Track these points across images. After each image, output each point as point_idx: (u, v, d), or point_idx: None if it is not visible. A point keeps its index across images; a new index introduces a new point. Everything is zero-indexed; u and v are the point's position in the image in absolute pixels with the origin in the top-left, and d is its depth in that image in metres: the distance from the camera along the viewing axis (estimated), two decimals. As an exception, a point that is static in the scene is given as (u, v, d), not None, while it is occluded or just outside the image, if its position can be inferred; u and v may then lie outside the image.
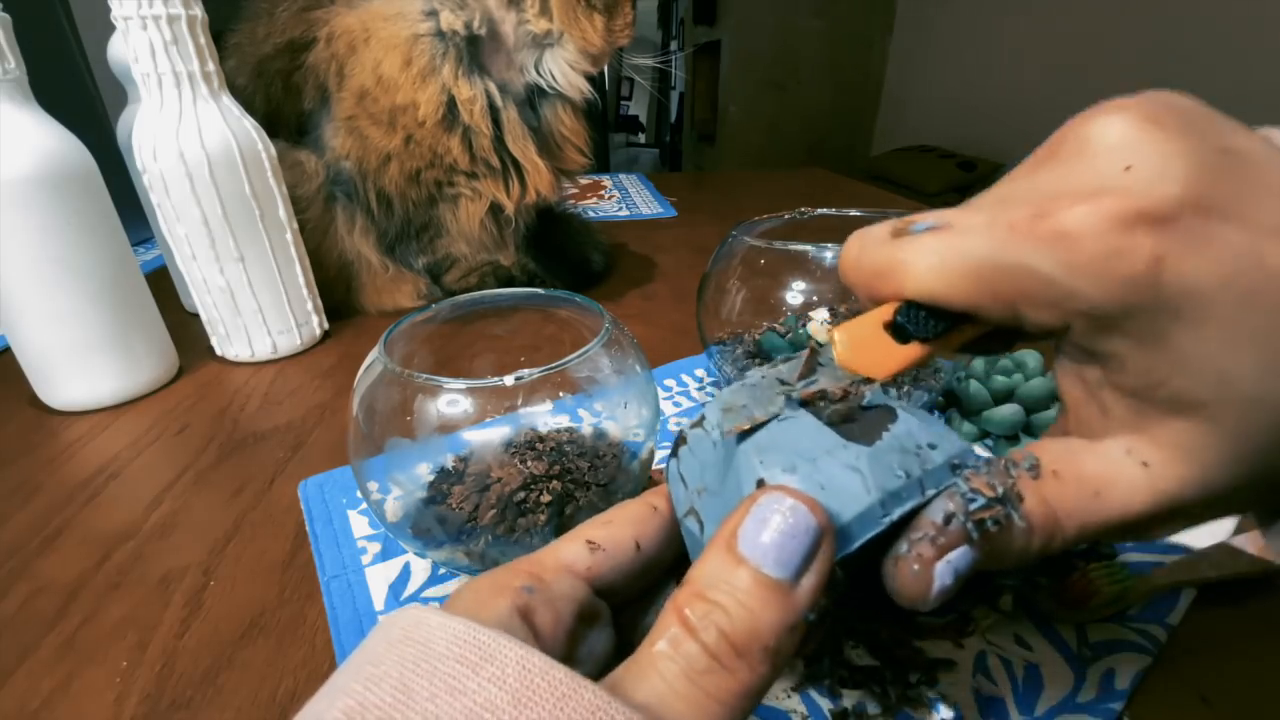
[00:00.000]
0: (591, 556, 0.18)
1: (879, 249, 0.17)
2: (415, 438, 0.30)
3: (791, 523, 0.14)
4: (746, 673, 0.13)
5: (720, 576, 0.14)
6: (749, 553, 0.14)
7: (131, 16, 0.45)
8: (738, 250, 0.42)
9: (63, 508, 0.38)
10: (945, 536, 0.15)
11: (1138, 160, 0.14)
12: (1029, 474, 0.16)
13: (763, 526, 0.14)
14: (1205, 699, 0.26)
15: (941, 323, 0.16)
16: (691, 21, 2.49)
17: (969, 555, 0.15)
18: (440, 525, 0.31)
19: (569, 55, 0.57)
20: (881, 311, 0.17)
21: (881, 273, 0.17)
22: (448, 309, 0.36)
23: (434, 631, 0.14)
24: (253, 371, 0.55)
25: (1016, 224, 0.15)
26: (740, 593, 0.14)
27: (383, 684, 0.13)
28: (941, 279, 0.16)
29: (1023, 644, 0.28)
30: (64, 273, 0.44)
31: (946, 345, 0.17)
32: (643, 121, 3.53)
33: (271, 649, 0.29)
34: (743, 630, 0.13)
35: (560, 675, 0.13)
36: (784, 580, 0.14)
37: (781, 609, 0.14)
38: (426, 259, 0.65)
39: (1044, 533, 0.16)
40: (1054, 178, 0.16)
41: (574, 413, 0.37)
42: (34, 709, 0.27)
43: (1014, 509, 0.16)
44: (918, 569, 0.15)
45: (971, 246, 0.16)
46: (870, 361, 0.17)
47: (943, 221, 0.17)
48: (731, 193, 1.15)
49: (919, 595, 0.15)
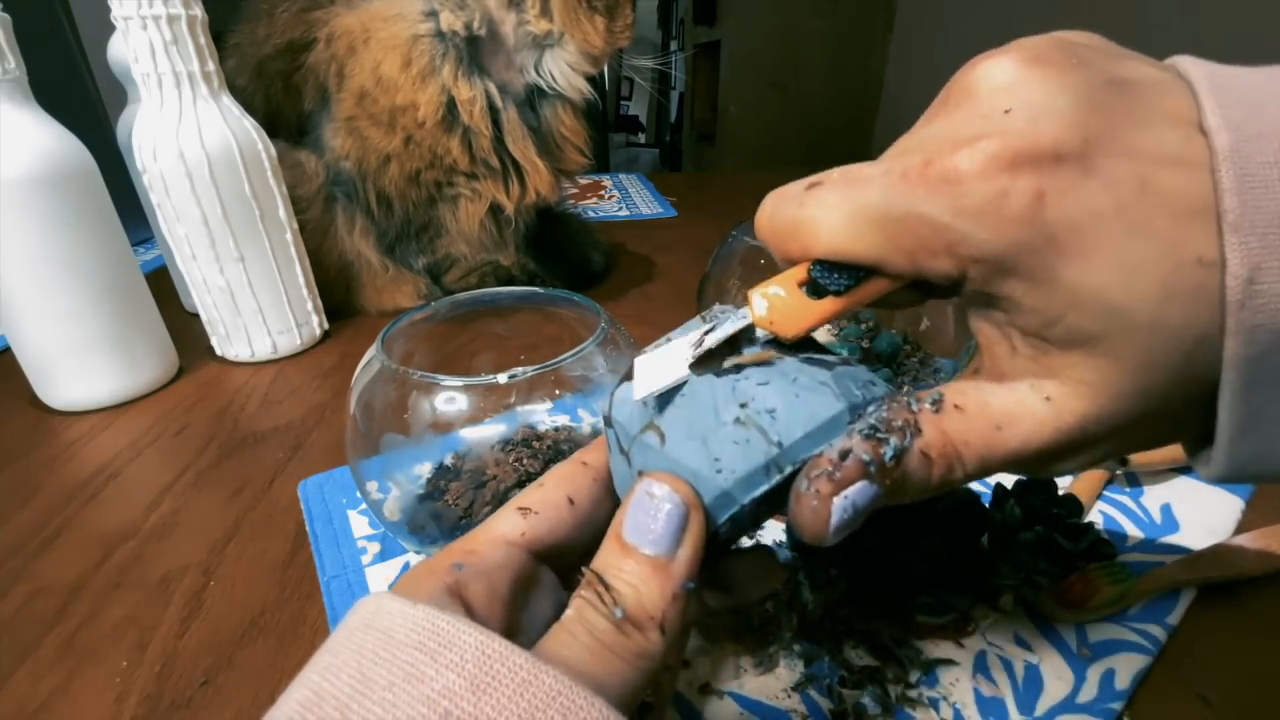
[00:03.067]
0: (525, 522, 0.18)
1: (787, 207, 0.17)
2: (412, 435, 0.30)
3: (658, 506, 0.16)
4: (641, 639, 0.15)
5: (609, 562, 0.16)
6: (629, 538, 0.16)
7: (131, 16, 0.45)
8: (738, 250, 0.42)
9: (63, 508, 0.38)
10: (841, 471, 0.15)
11: (1018, 102, 0.15)
12: (930, 408, 0.17)
13: (637, 512, 0.16)
14: (1205, 699, 0.26)
15: (851, 276, 0.17)
16: (691, 21, 2.49)
17: (869, 490, 0.15)
18: (435, 521, 0.31)
19: (569, 56, 0.57)
20: (795, 271, 0.18)
21: (790, 232, 0.17)
22: (446, 307, 0.36)
23: (394, 619, 0.14)
24: (253, 371, 0.55)
25: (908, 172, 0.15)
26: (626, 573, 0.15)
27: (340, 673, 0.13)
28: (844, 234, 0.16)
29: (1023, 644, 0.28)
30: (64, 273, 0.44)
31: (859, 299, 0.17)
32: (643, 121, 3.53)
33: (271, 649, 0.29)
34: (630, 605, 0.15)
35: (520, 660, 0.13)
36: (659, 556, 0.16)
37: (660, 582, 0.15)
38: (426, 259, 0.65)
39: (943, 464, 0.16)
40: (944, 125, 0.16)
41: (574, 412, 0.37)
42: (34, 709, 0.27)
43: (910, 440, 0.16)
44: (816, 505, 0.15)
45: (869, 198, 0.16)
46: (785, 320, 0.17)
47: (846, 175, 0.17)
48: (731, 193, 1.15)
49: (818, 531, 0.15)
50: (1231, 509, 0.36)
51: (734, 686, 0.27)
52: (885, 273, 0.16)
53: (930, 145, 0.16)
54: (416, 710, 0.12)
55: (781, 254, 0.18)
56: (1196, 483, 0.38)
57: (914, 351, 0.44)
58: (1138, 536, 0.34)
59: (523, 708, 0.12)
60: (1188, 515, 0.35)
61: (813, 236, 0.17)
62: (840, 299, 0.17)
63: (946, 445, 0.16)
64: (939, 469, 0.16)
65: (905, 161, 0.16)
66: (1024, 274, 0.15)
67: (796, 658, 0.28)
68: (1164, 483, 0.38)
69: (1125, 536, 0.34)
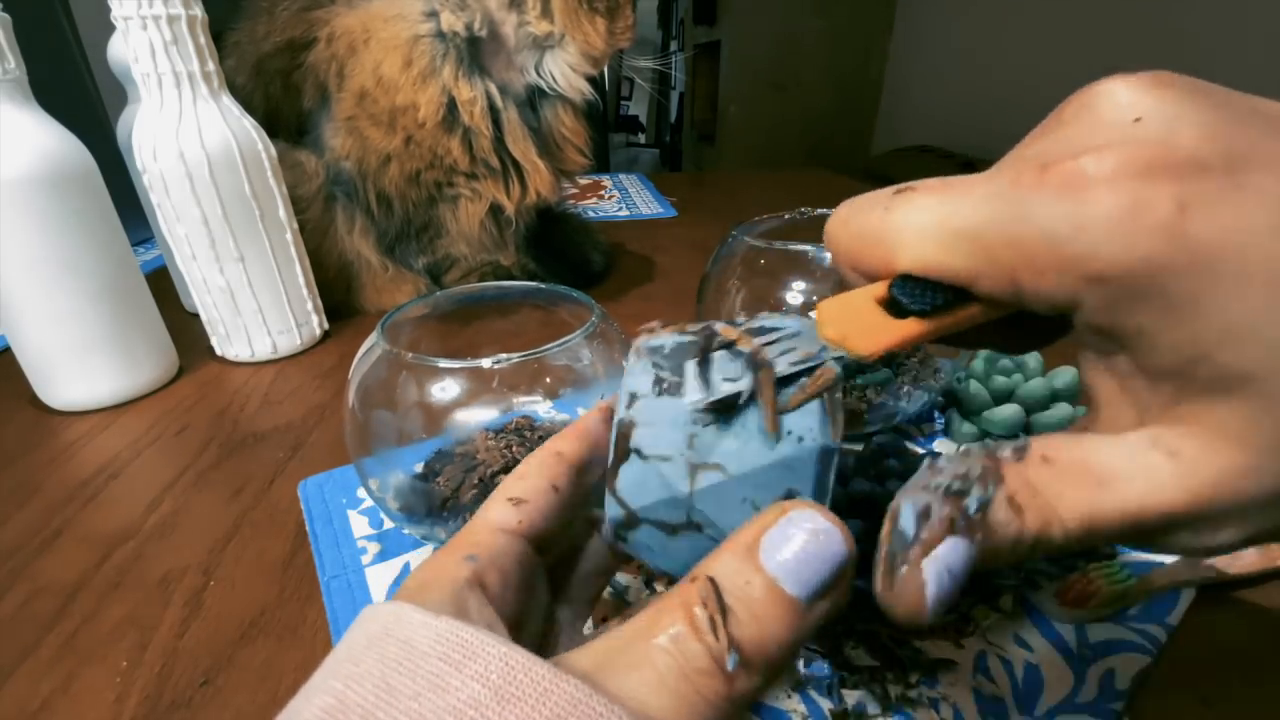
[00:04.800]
0: (518, 511, 0.18)
1: (870, 213, 0.16)
2: (408, 420, 0.31)
3: (820, 546, 0.14)
4: (744, 681, 0.13)
5: (737, 580, 0.14)
6: (770, 565, 0.14)
7: (131, 16, 0.45)
8: (738, 250, 0.42)
9: (63, 508, 0.38)
10: (926, 530, 0.14)
11: (1148, 112, 0.13)
12: (1012, 456, 0.14)
13: (788, 542, 0.14)
14: (1205, 699, 0.26)
15: (941, 295, 0.15)
16: (691, 22, 2.49)
17: (961, 547, 0.13)
18: (424, 501, 0.31)
19: (570, 57, 0.57)
20: (874, 287, 0.16)
21: (871, 239, 0.16)
22: (445, 300, 0.36)
23: (416, 629, 0.14)
24: (253, 371, 0.55)
25: (1020, 177, 0.14)
26: (754, 602, 0.13)
27: (364, 682, 0.13)
28: (935, 244, 0.14)
29: (1023, 644, 0.28)
30: (64, 273, 0.44)
31: (947, 324, 0.15)
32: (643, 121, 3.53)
33: (271, 649, 0.29)
34: (750, 640, 0.13)
35: (542, 670, 0.13)
36: (800, 599, 0.14)
37: (790, 627, 0.13)
38: (426, 259, 0.65)
39: (1037, 519, 0.14)
40: (1060, 138, 0.14)
41: (573, 410, 0.37)
42: (34, 709, 0.27)
43: (993, 489, 0.14)
44: (905, 571, 0.14)
45: (970, 204, 0.14)
46: (860, 335, 0.15)
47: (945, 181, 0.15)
48: (731, 193, 1.15)
49: (914, 603, 0.13)
50: (1231, 509, 0.35)
51: (734, 686, 0.27)
52: (978, 297, 0.14)
53: (1047, 153, 0.14)
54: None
55: (855, 265, 0.16)
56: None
57: (915, 351, 0.44)
58: (1138, 536, 0.34)
59: (544, 717, 0.12)
60: (1188, 515, 0.35)
61: (898, 246, 0.15)
62: (926, 321, 0.15)
63: (1036, 499, 0.14)
64: (1032, 523, 0.14)
65: (1018, 168, 0.14)
66: (1160, 300, 0.13)
67: (796, 657, 0.28)
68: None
69: (1125, 536, 0.34)
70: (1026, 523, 0.14)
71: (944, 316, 0.15)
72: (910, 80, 2.27)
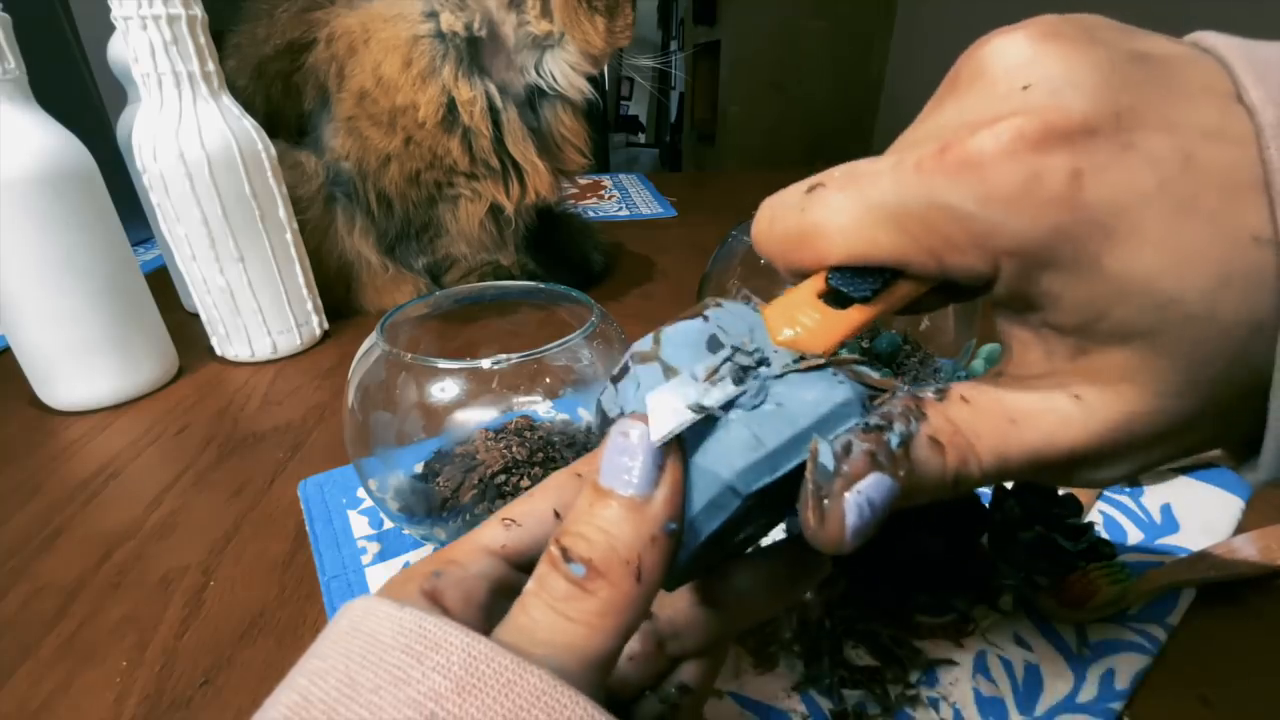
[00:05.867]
0: (507, 534, 0.18)
1: (789, 215, 0.16)
2: (408, 420, 0.31)
3: (632, 443, 0.15)
4: (607, 590, 0.14)
5: (583, 511, 0.15)
6: (605, 482, 0.15)
7: (131, 16, 0.45)
8: (738, 250, 0.42)
9: (63, 508, 0.38)
10: (848, 464, 0.14)
11: (1037, 78, 0.13)
12: (934, 396, 0.15)
13: (612, 454, 0.15)
14: (1205, 699, 0.26)
15: (877, 279, 0.15)
16: (691, 21, 2.49)
17: (883, 482, 0.14)
18: (423, 501, 0.31)
19: (570, 57, 0.57)
20: (811, 283, 0.16)
21: (797, 241, 0.16)
22: (445, 300, 0.36)
23: (380, 622, 0.14)
24: (253, 371, 0.55)
25: (922, 162, 0.14)
26: (599, 519, 0.14)
27: (328, 677, 0.13)
28: (858, 236, 0.15)
29: (1023, 644, 0.28)
30: (64, 273, 0.44)
31: (888, 305, 0.16)
32: (643, 121, 3.53)
33: (271, 649, 0.29)
34: (600, 551, 0.14)
35: (505, 661, 0.13)
36: (637, 496, 0.14)
37: (636, 523, 0.14)
38: (426, 259, 0.65)
39: (957, 455, 0.15)
40: (956, 110, 0.15)
41: (573, 410, 0.37)
42: (34, 709, 0.27)
43: (915, 425, 0.15)
44: (827, 504, 0.14)
45: (880, 194, 0.15)
46: (811, 336, 0.16)
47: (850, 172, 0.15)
48: (731, 193, 1.15)
49: (834, 534, 0.14)
50: (1231, 509, 0.36)
51: (734, 686, 0.27)
52: (911, 274, 0.15)
53: (944, 132, 0.14)
54: (402, 713, 0.12)
55: (788, 266, 0.17)
56: (1196, 483, 0.38)
57: (914, 351, 0.44)
58: (1138, 536, 0.34)
59: (507, 708, 0.12)
60: (1187, 515, 0.35)
61: (825, 243, 0.15)
62: (869, 306, 0.15)
63: (956, 435, 0.15)
64: (952, 458, 0.15)
65: (917, 151, 0.14)
66: (1065, 265, 0.13)
67: (796, 658, 0.28)
68: (1164, 483, 0.38)
69: (1125, 536, 0.34)
70: (948, 458, 0.15)
71: (884, 299, 0.16)
72: (910, 80, 2.27)
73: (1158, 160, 0.12)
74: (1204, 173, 0.12)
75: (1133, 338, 0.13)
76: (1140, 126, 0.13)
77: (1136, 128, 0.13)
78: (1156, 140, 0.13)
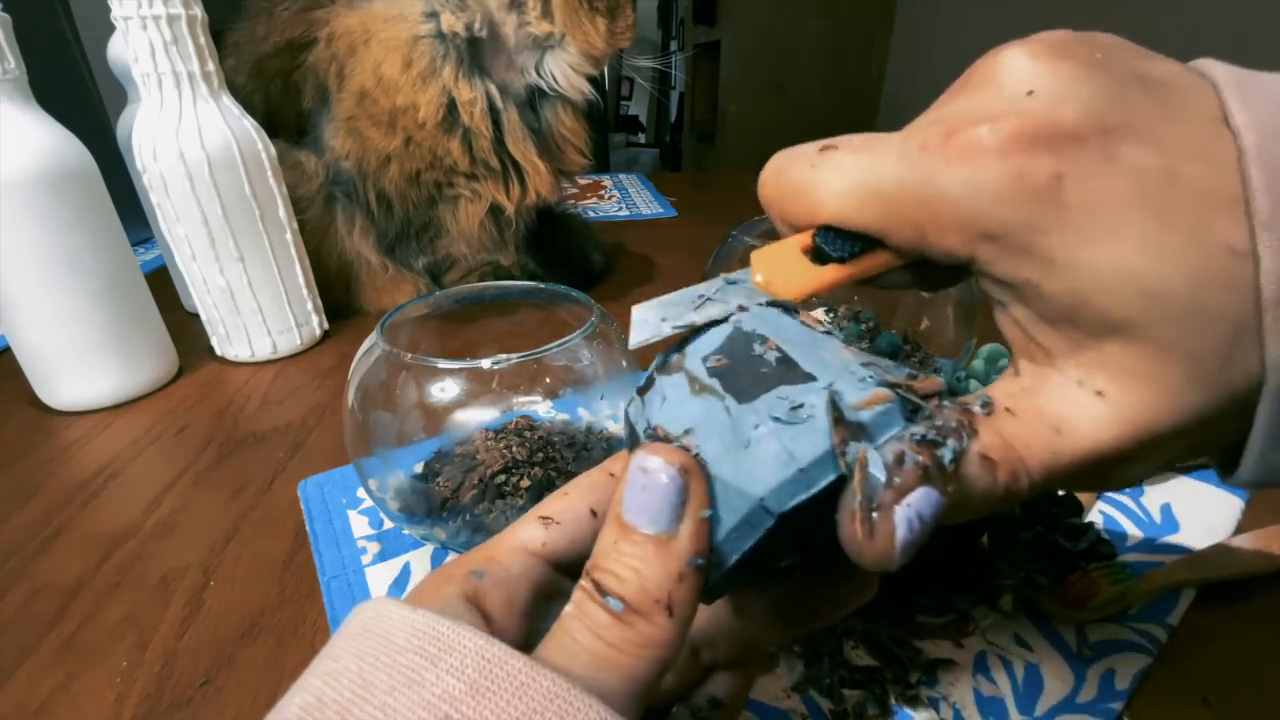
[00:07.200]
0: (546, 532, 0.18)
1: (797, 167, 0.17)
2: (408, 420, 0.31)
3: (652, 479, 0.15)
4: (645, 625, 0.14)
5: (610, 546, 0.15)
6: (628, 517, 0.15)
7: (131, 16, 0.45)
8: (738, 250, 0.42)
9: (63, 508, 0.38)
10: (900, 476, 0.14)
11: (1040, 86, 0.15)
12: (982, 411, 0.15)
13: (633, 489, 0.15)
14: (1205, 699, 0.26)
15: (857, 244, 0.16)
16: (691, 21, 2.49)
17: (932, 497, 0.14)
18: (424, 502, 0.31)
19: (570, 57, 0.57)
20: (801, 237, 0.17)
21: (795, 193, 0.17)
22: (445, 300, 0.36)
23: (393, 624, 0.14)
24: (253, 371, 0.55)
25: (928, 143, 0.15)
26: (627, 555, 0.15)
27: (341, 678, 0.13)
28: (852, 199, 0.16)
29: (1023, 644, 0.28)
30: (64, 273, 0.44)
31: (861, 270, 0.17)
32: (643, 121, 3.53)
33: (271, 649, 0.29)
34: (632, 590, 0.14)
35: (518, 664, 0.13)
36: (660, 534, 0.15)
37: (663, 560, 0.14)
38: (426, 259, 0.65)
39: (1008, 471, 0.15)
40: (965, 103, 0.16)
41: (574, 410, 0.37)
42: (34, 709, 0.27)
43: (967, 442, 0.14)
44: (875, 516, 0.14)
45: (884, 165, 0.16)
46: (785, 281, 0.17)
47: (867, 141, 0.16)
48: (731, 192, 1.15)
49: (882, 550, 0.14)
50: (1231, 509, 0.36)
51: (734, 686, 0.27)
52: (889, 246, 0.16)
53: (952, 120, 0.15)
54: (416, 714, 0.12)
55: (780, 214, 0.18)
56: (1196, 483, 0.38)
57: (914, 351, 0.44)
58: (1138, 536, 0.34)
59: (520, 711, 0.12)
60: (1188, 515, 0.35)
61: (819, 200, 0.16)
62: (843, 267, 0.17)
63: (1007, 450, 0.15)
64: (1004, 475, 0.15)
65: (926, 133, 0.15)
66: (1040, 255, 0.14)
67: (796, 658, 0.28)
68: (1164, 483, 0.38)
69: (1125, 536, 0.34)
70: (999, 475, 0.15)
71: (860, 262, 0.17)
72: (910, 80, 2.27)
73: (1141, 174, 0.13)
74: (1184, 188, 0.13)
75: (1121, 328, 0.14)
76: (1128, 141, 0.14)
77: (1124, 142, 0.14)
78: (1143, 155, 0.14)
